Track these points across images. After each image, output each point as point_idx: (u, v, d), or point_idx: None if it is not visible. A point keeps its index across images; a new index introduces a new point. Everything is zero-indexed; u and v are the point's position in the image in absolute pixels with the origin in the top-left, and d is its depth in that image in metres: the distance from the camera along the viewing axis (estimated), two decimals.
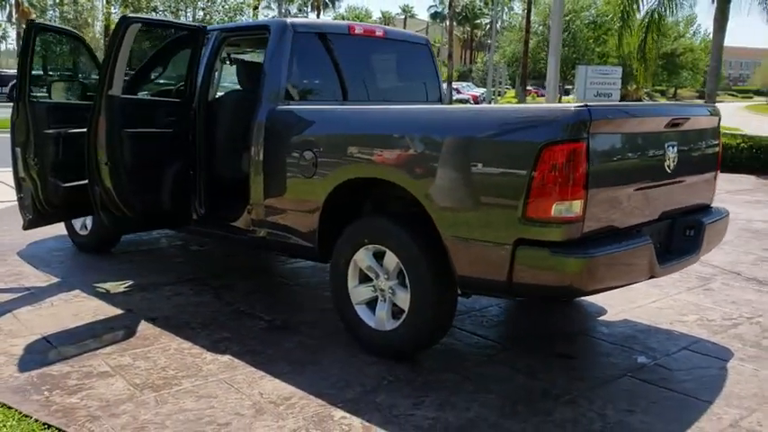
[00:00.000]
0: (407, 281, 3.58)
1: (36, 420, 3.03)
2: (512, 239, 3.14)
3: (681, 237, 3.80)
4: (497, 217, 3.17)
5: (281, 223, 4.24)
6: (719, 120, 4.08)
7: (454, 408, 3.22)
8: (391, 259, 3.64)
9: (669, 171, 3.60)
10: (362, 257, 3.78)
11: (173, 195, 4.72)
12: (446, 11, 63.45)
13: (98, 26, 34.63)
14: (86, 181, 4.53)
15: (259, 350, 3.84)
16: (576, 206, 3.05)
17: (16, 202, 5.25)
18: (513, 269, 3.15)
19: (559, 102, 19.72)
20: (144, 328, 4.16)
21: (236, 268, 5.61)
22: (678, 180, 3.71)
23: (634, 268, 3.28)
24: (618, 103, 14.19)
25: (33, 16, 31.51)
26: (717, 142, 4.12)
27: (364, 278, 3.86)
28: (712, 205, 4.20)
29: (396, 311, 3.73)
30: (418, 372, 3.59)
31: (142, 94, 5.09)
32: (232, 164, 4.91)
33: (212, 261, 5.88)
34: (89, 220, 5.68)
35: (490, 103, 33.21)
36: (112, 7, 30.36)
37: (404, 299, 3.62)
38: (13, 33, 57.38)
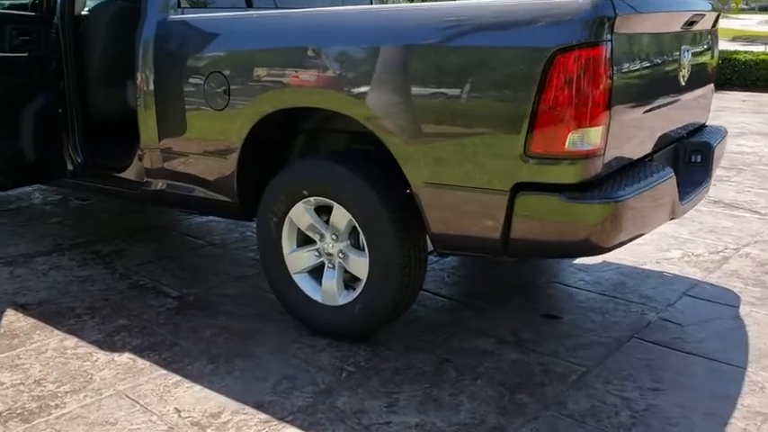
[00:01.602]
0: (364, 242, 2.73)
1: None
2: (509, 184, 2.33)
3: (686, 164, 3.12)
4: (489, 155, 2.35)
5: (186, 172, 3.26)
6: (718, 17, 3.37)
7: (439, 406, 2.45)
8: (341, 215, 2.77)
9: (683, 83, 2.88)
10: (301, 214, 2.89)
11: (37, 141, 3.62)
12: None
13: None
14: None
15: (169, 341, 2.93)
16: (596, 135, 2.26)
17: None
18: (510, 223, 2.36)
19: None
20: (10, 320, 3.14)
21: (130, 227, 4.57)
22: (688, 94, 3.00)
23: (659, 211, 2.56)
24: None
25: None
26: (716, 46, 3.43)
27: (304, 240, 2.98)
28: (707, 123, 3.54)
29: (349, 280, 2.89)
30: (382, 356, 2.80)
31: None
32: (113, 97, 3.83)
33: (99, 220, 4.79)
34: None
35: None
36: None
37: (360, 265, 2.78)
38: None
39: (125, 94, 3.80)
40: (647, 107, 2.61)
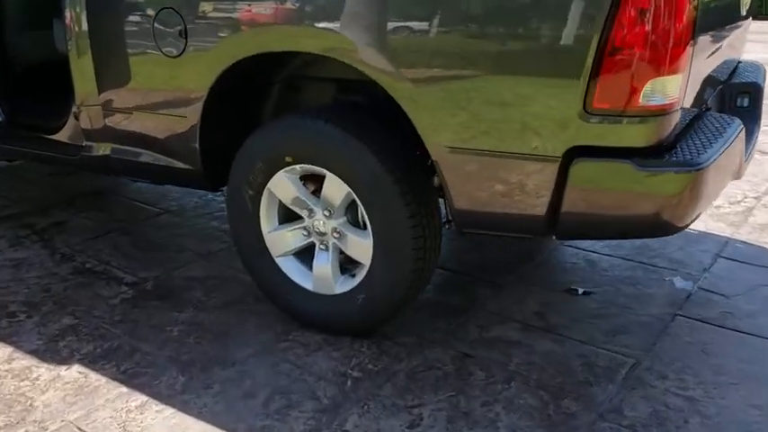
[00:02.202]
0: (365, 219, 2.21)
1: None
2: (562, 149, 1.83)
3: (733, 109, 2.66)
4: (537, 112, 1.83)
5: (134, 133, 2.65)
6: None
7: (473, 423, 2.00)
8: (335, 187, 2.23)
9: (743, 13, 2.39)
10: (283, 185, 2.34)
11: None
12: None
13: None
14: None
15: (128, 346, 2.39)
16: (675, 84, 1.77)
17: None
18: (561, 197, 1.87)
19: None
20: None
21: (69, 192, 3.93)
22: (742, 25, 2.52)
23: (728, 175, 2.10)
24: None
25: None
26: None
27: (288, 216, 2.44)
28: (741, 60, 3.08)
29: (344, 261, 2.39)
30: (391, 353, 2.32)
31: None
32: (38, 41, 3.13)
33: (31, 184, 4.13)
34: None
35: None
36: None
37: (360, 246, 2.27)
38: None
39: (52, 37, 3.12)
40: (716, 44, 2.12)
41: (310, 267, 2.44)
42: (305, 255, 2.46)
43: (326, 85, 2.48)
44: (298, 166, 2.28)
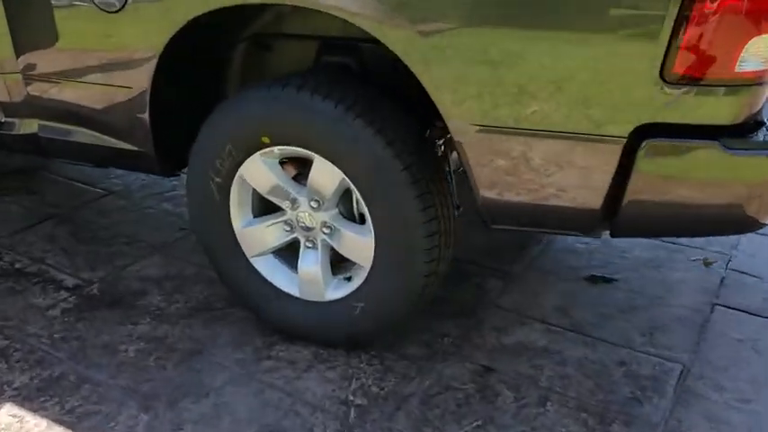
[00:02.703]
0: (366, 214, 1.79)
1: None
2: (630, 126, 1.43)
3: None
4: (597, 80, 1.42)
5: (67, 107, 2.14)
6: None
7: None
8: (326, 173, 1.80)
9: None
10: (259, 171, 1.89)
11: None
12: None
13: None
14: None
15: (73, 374, 1.93)
16: None
17: None
18: (624, 186, 1.48)
19: None
20: None
21: None
22: None
23: None
24: None
25: None
26: None
27: (264, 208, 2.00)
28: None
29: (334, 258, 1.97)
30: (397, 370, 1.94)
31: None
32: None
33: None
34: None
35: None
36: None
37: (358, 245, 1.85)
38: None
39: None
40: None
41: (294, 268, 2.02)
42: (287, 253, 2.04)
43: (305, 44, 2.02)
44: (276, 149, 1.84)
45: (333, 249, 1.93)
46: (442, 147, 1.95)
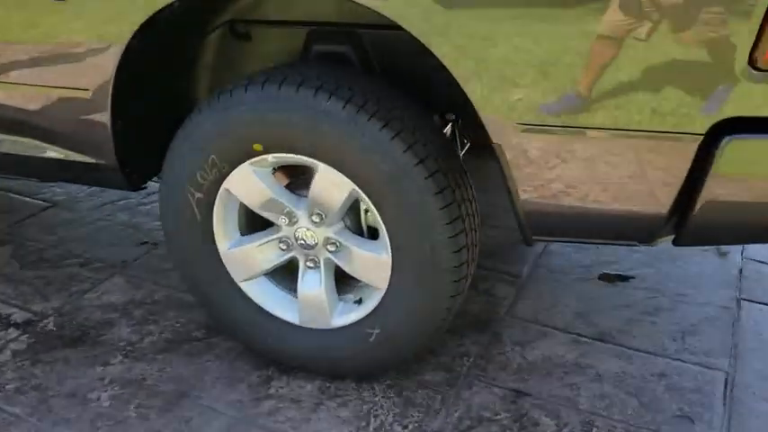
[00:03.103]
0: (382, 228, 1.54)
1: None
2: (708, 121, 1.22)
3: None
4: (672, 67, 1.21)
5: (9, 113, 1.79)
6: None
7: None
8: (333, 184, 1.53)
9: None
10: (250, 183, 1.61)
11: None
12: None
13: None
14: None
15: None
16: None
17: None
18: (699, 189, 1.28)
19: None
20: None
21: None
22: None
23: None
24: None
25: None
26: None
27: (253, 224, 1.73)
28: None
29: (342, 282, 1.72)
30: (417, 402, 1.70)
31: None
32: None
33: None
34: None
35: None
36: None
37: (370, 263, 1.60)
38: None
39: None
40: None
41: (292, 291, 1.75)
42: (282, 274, 1.77)
43: (291, 31, 1.73)
44: (271, 156, 1.56)
45: (336, 267, 1.68)
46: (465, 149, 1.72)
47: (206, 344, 1.92)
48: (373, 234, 1.66)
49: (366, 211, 1.65)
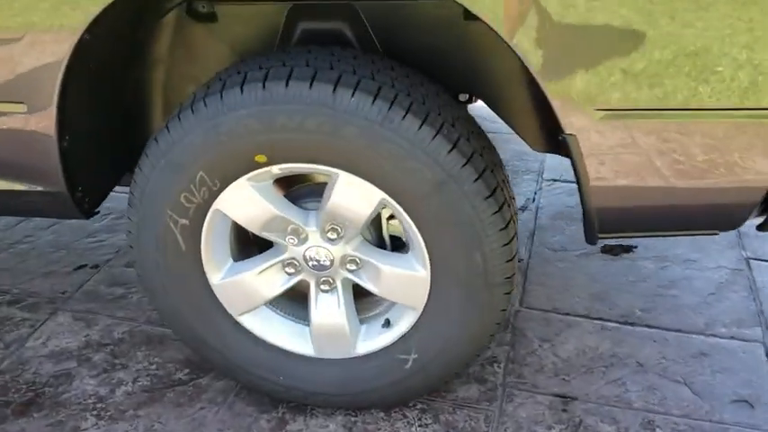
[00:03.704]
0: (420, 241, 1.29)
1: None
2: None
3: None
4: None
5: None
6: None
7: None
8: (357, 194, 1.27)
9: None
10: (248, 201, 1.31)
11: None
12: None
13: None
14: None
15: None
16: None
17: None
18: None
19: None
20: None
21: None
22: None
23: None
24: None
25: None
26: None
27: (245, 247, 1.45)
28: None
29: (362, 307, 1.48)
30: (460, 425, 1.50)
31: None
32: None
33: None
34: None
35: None
36: None
37: (402, 281, 1.36)
38: None
39: None
40: None
41: (300, 319, 1.49)
42: (284, 300, 1.49)
43: (269, 6, 1.42)
44: (276, 168, 1.27)
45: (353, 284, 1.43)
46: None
47: (194, 387, 1.62)
48: (397, 246, 1.43)
49: (389, 218, 1.40)
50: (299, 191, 1.42)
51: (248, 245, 1.49)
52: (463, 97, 1.55)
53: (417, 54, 1.41)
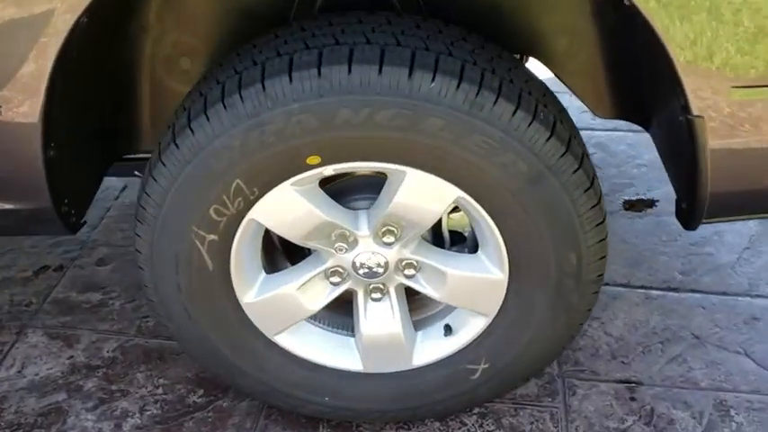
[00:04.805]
0: (495, 240, 1.10)
1: None
2: None
3: None
4: None
5: None
6: None
7: None
8: (427, 193, 1.05)
9: None
10: (292, 208, 1.08)
11: None
12: None
13: None
14: None
15: None
16: None
17: None
18: None
19: None
20: None
21: None
22: None
23: None
24: None
25: None
26: None
27: (274, 257, 1.22)
28: None
29: (418, 312, 1.29)
30: (530, 427, 1.36)
31: None
32: None
33: None
34: None
35: None
36: None
37: (474, 285, 1.17)
38: None
39: None
40: None
41: (342, 329, 1.29)
42: (322, 311, 1.28)
43: None
44: (330, 168, 1.04)
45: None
46: None
47: (215, 411, 1.40)
48: (454, 242, 1.24)
49: (451, 212, 1.20)
50: (337, 187, 1.19)
51: (275, 254, 1.26)
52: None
53: (467, 11, 1.18)
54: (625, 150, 2.19)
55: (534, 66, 1.30)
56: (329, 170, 1.04)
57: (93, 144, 1.20)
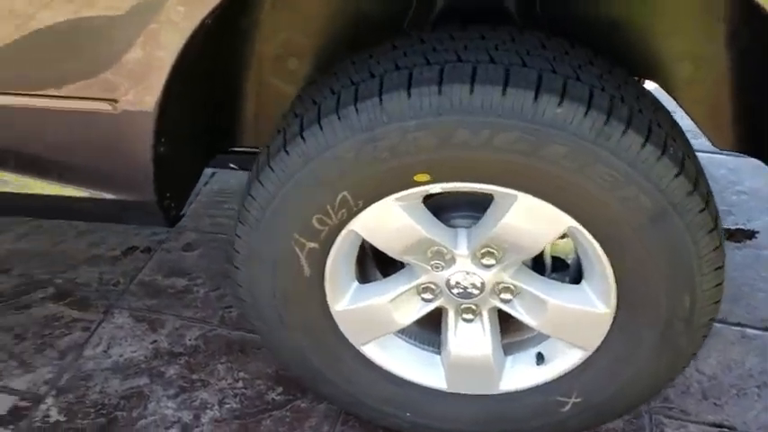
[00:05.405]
0: (606, 274, 1.05)
1: None
2: None
3: None
4: None
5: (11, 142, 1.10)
6: None
7: None
8: (538, 220, 1.01)
9: None
10: (394, 223, 1.05)
11: None
12: None
13: None
14: None
15: None
16: None
17: None
18: None
19: None
20: None
21: None
22: None
23: None
24: None
25: None
26: None
27: (366, 269, 1.20)
28: None
29: (509, 335, 1.24)
30: None
31: None
32: None
33: None
34: None
35: None
36: None
37: (576, 318, 1.12)
38: None
39: None
40: None
41: (428, 343, 1.26)
42: (410, 326, 1.25)
43: None
44: (439, 186, 1.00)
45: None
46: None
47: (293, 411, 1.40)
48: (555, 269, 1.19)
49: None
50: (437, 202, 1.15)
51: (366, 262, 1.24)
52: None
53: (585, 26, 1.13)
54: (726, 175, 2.08)
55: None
56: (437, 188, 1.01)
57: (198, 140, 1.21)
